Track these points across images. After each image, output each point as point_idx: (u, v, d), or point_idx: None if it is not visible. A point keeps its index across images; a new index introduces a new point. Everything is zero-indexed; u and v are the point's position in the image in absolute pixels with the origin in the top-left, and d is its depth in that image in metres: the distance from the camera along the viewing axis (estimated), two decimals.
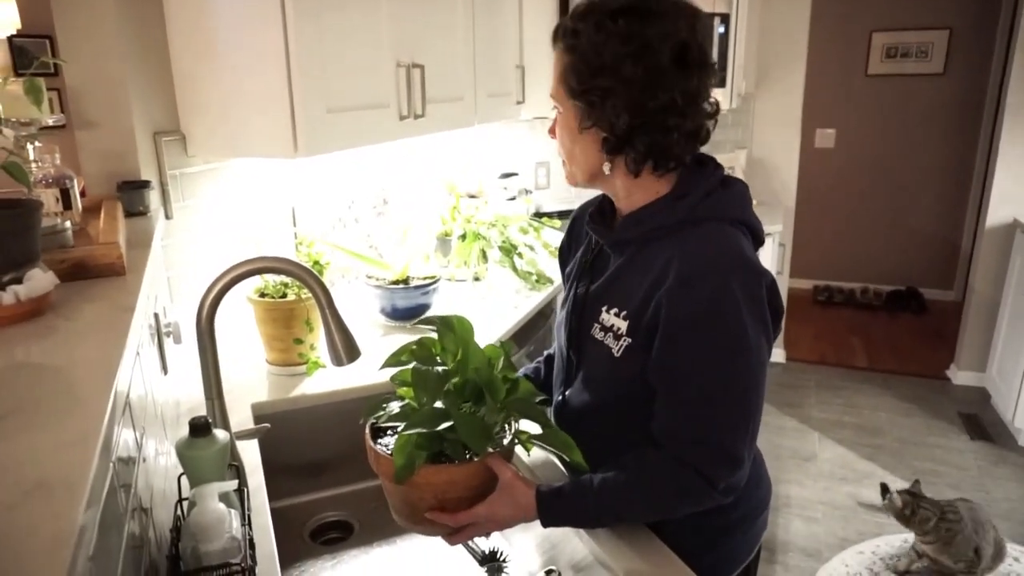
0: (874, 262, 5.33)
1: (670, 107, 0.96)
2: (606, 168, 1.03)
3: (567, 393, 1.16)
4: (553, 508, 1.01)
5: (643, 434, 1.01)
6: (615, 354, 1.03)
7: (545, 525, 1.02)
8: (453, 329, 1.01)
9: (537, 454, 1.24)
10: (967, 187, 5.01)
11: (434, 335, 1.03)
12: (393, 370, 1.04)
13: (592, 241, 1.15)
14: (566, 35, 0.99)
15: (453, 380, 0.98)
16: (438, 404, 0.96)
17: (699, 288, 0.94)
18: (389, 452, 0.96)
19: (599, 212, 1.15)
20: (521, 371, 1.30)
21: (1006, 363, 3.47)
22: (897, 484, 3.00)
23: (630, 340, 1.02)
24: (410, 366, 1.00)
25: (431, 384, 0.97)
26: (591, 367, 1.11)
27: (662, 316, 0.96)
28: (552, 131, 1.09)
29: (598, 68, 0.96)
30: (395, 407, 1.03)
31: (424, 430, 0.93)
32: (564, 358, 1.18)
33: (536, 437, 1.01)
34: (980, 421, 3.53)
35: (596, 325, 1.08)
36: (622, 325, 1.03)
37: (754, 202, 1.10)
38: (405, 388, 1.02)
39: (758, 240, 1.06)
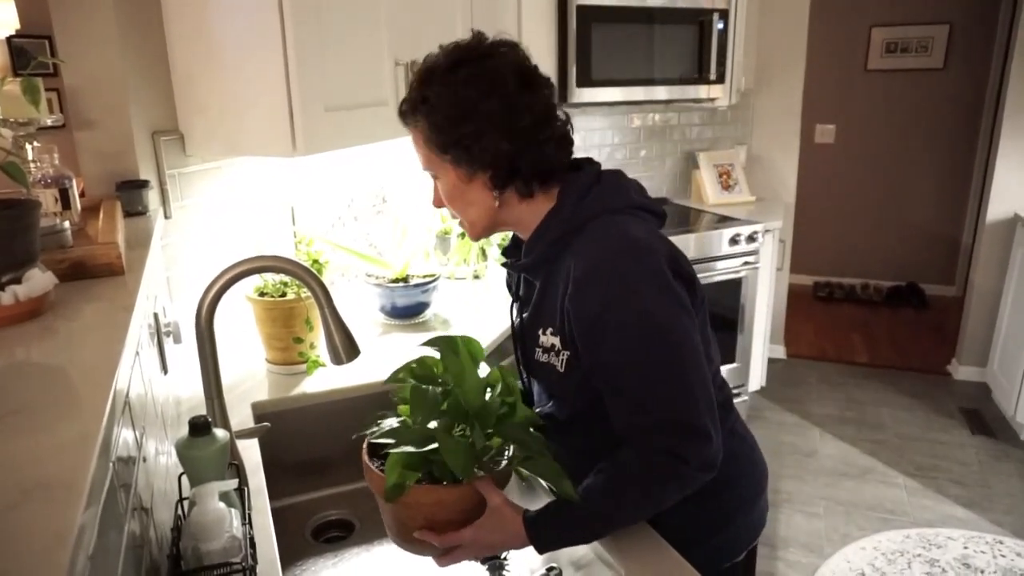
0: (874, 258, 5.33)
1: (535, 124, 1.03)
2: (496, 203, 1.07)
3: (547, 407, 1.18)
4: (543, 530, 1.00)
5: (618, 438, 1.01)
6: (560, 370, 1.07)
7: (541, 550, 1.01)
8: (456, 350, 1.02)
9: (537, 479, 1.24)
10: (967, 182, 5.00)
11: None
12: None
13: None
14: (416, 106, 1.04)
15: (447, 401, 0.99)
16: (432, 424, 0.97)
17: (592, 285, 0.98)
18: (382, 470, 0.97)
19: (513, 245, 1.19)
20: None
21: (1007, 358, 3.47)
22: (898, 480, 3.02)
23: (568, 353, 1.05)
24: (409, 384, 1.01)
25: (427, 404, 0.98)
26: (547, 388, 1.14)
27: (572, 322, 1.00)
28: (437, 203, 1.14)
29: (460, 116, 1.01)
30: (390, 423, 1.04)
31: (412, 449, 0.94)
32: (524, 384, 1.22)
33: (526, 464, 1.01)
34: (981, 416, 3.53)
35: (538, 349, 1.11)
36: (555, 341, 1.06)
37: (752, 198, 1.10)
38: (404, 406, 1.03)
39: (656, 215, 1.09)
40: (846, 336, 4.61)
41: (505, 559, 1.23)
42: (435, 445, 0.94)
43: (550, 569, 1.15)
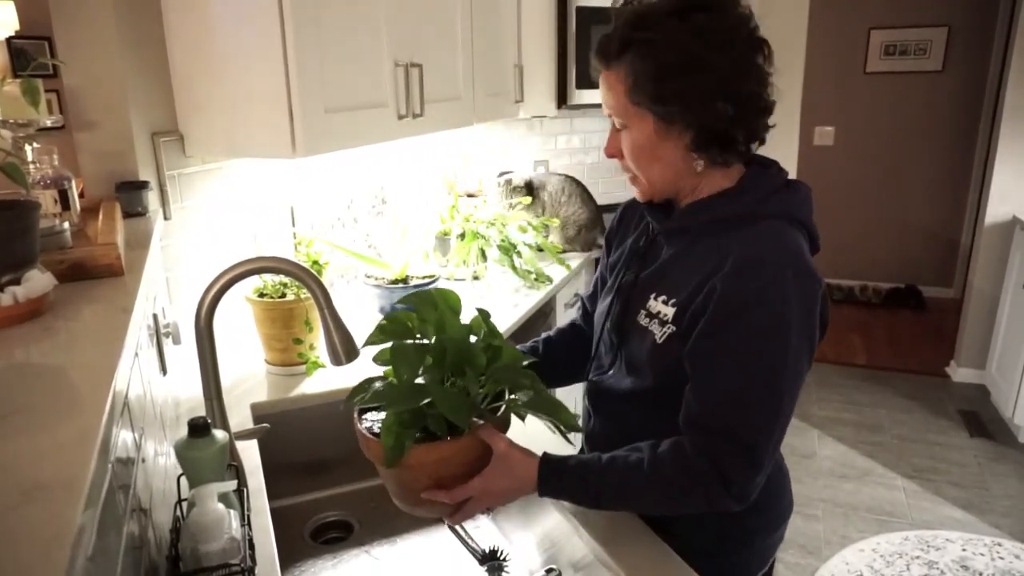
0: (873, 260, 5.34)
1: (759, 90, 0.97)
2: (699, 167, 1.01)
3: (606, 375, 1.15)
4: (554, 478, 0.98)
5: (676, 430, 0.99)
6: (658, 340, 1.03)
7: (542, 494, 1.00)
8: (432, 302, 0.99)
9: (534, 426, 1.23)
10: (966, 184, 5.01)
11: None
12: (377, 351, 1.01)
13: (649, 229, 1.14)
14: (626, 47, 0.97)
15: (431, 354, 0.96)
16: (419, 380, 0.94)
17: (755, 276, 0.93)
18: (378, 433, 0.94)
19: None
20: (519, 347, 1.29)
21: (1006, 360, 3.47)
22: (897, 482, 3.02)
23: (674, 328, 1.01)
24: (389, 344, 0.97)
25: (410, 358, 0.94)
26: (633, 352, 1.10)
27: (713, 300, 0.95)
28: (612, 152, 1.06)
29: (686, 67, 0.94)
30: (378, 386, 1.00)
31: (405, 408, 0.91)
32: (606, 343, 1.17)
33: (525, 404, 0.98)
34: (980, 418, 3.53)
35: (642, 311, 1.07)
36: (669, 312, 1.02)
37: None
38: (387, 368, 1.00)
39: (815, 246, 1.04)
40: (845, 338, 4.61)
41: (505, 559, 1.24)
42: (428, 400, 0.91)
43: (549, 570, 1.15)
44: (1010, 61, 3.51)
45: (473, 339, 1.01)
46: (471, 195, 2.63)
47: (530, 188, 2.70)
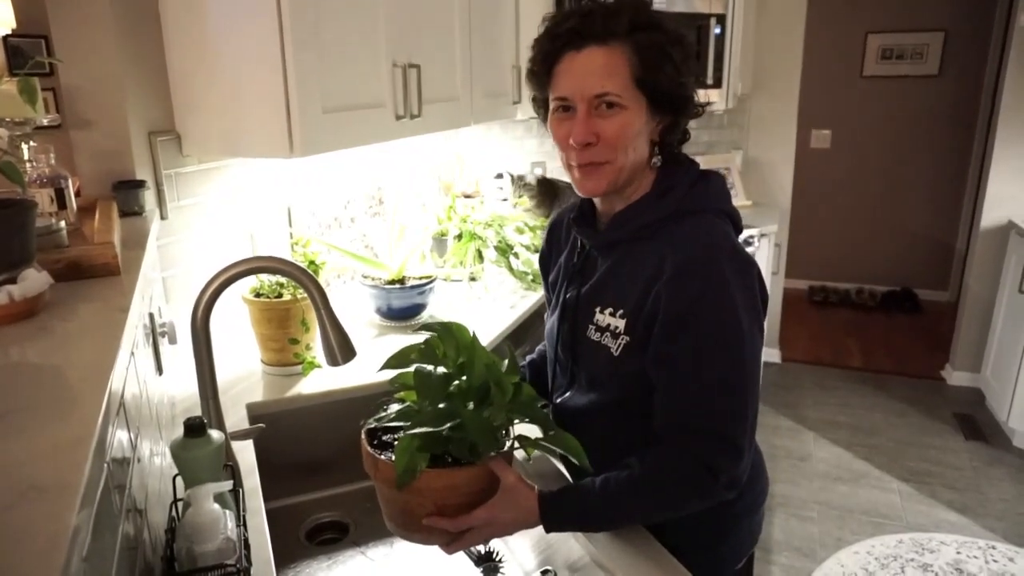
0: (869, 263, 5.35)
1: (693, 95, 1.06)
2: (656, 161, 1.07)
3: (566, 396, 1.16)
4: (555, 510, 0.99)
5: (645, 435, 1.01)
6: (614, 353, 1.04)
7: (548, 530, 1.00)
8: (453, 335, 0.99)
9: (537, 461, 1.24)
10: (962, 188, 5.03)
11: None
12: (393, 372, 1.01)
13: (579, 245, 1.16)
14: (640, 29, 0.99)
15: (457, 383, 0.96)
16: (441, 407, 0.94)
17: (696, 277, 0.97)
18: (388, 458, 0.94)
19: (581, 216, 1.16)
20: None
21: (1000, 364, 3.48)
22: (893, 484, 3.03)
23: (628, 338, 1.03)
24: (411, 368, 0.98)
25: (434, 386, 0.95)
26: (590, 369, 1.11)
27: (661, 306, 0.98)
28: (592, 137, 1.01)
29: (682, 60, 1.01)
30: (395, 408, 1.01)
31: (430, 429, 0.91)
32: (560, 363, 1.18)
33: (544, 440, 0.99)
34: (975, 421, 3.54)
35: (591, 327, 1.08)
36: (619, 324, 1.04)
37: (748, 203, 1.12)
38: (406, 392, 1.00)
39: (738, 229, 1.09)
40: (841, 340, 4.62)
41: (500, 561, 1.23)
42: (454, 423, 0.91)
43: (545, 572, 1.15)
44: (1006, 66, 3.52)
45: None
46: (468, 196, 2.63)
47: (544, 185, 2.73)
